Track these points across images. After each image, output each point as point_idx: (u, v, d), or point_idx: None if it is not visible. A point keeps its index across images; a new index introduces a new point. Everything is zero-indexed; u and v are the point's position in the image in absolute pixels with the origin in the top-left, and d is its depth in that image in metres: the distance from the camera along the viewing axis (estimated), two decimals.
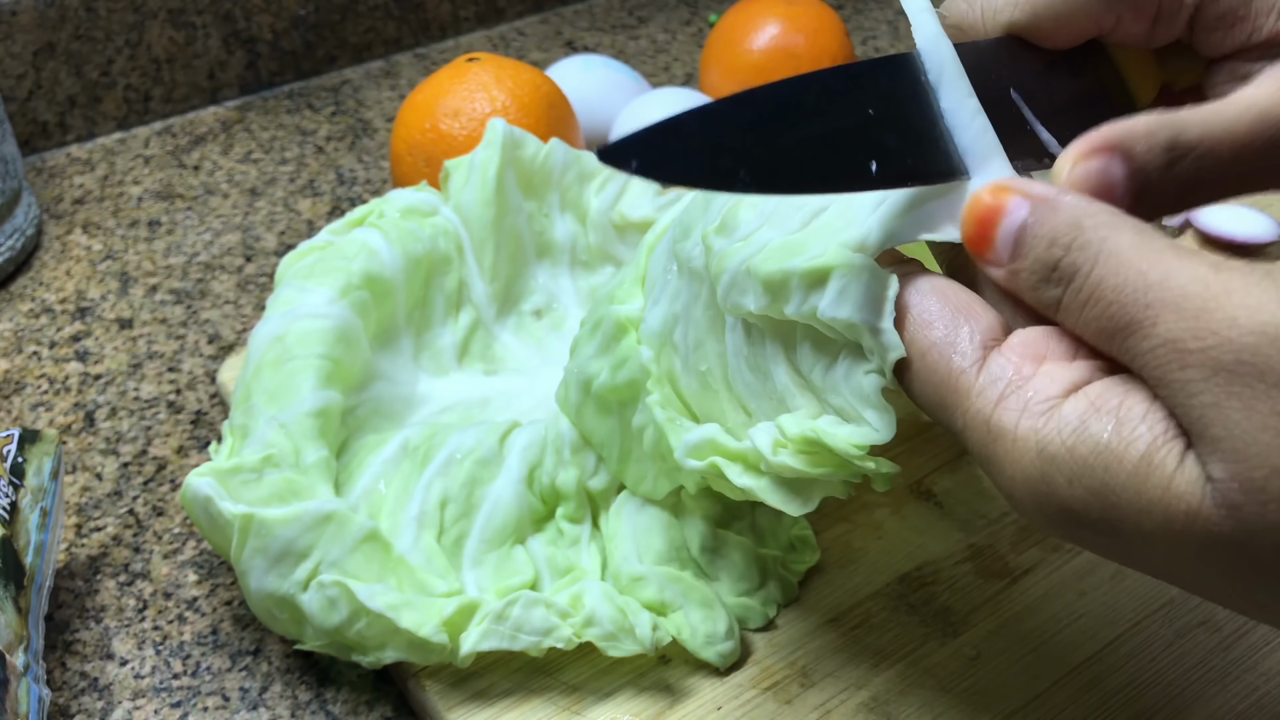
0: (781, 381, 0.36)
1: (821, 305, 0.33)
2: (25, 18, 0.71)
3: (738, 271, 0.35)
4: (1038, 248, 0.29)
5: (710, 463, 0.38)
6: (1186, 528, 0.26)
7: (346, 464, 0.47)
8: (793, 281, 0.33)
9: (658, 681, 0.43)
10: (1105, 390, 0.28)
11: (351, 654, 0.42)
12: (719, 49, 0.73)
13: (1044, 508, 0.28)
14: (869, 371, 0.33)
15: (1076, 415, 0.27)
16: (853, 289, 0.32)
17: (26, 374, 0.59)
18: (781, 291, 0.34)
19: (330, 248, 0.51)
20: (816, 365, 0.35)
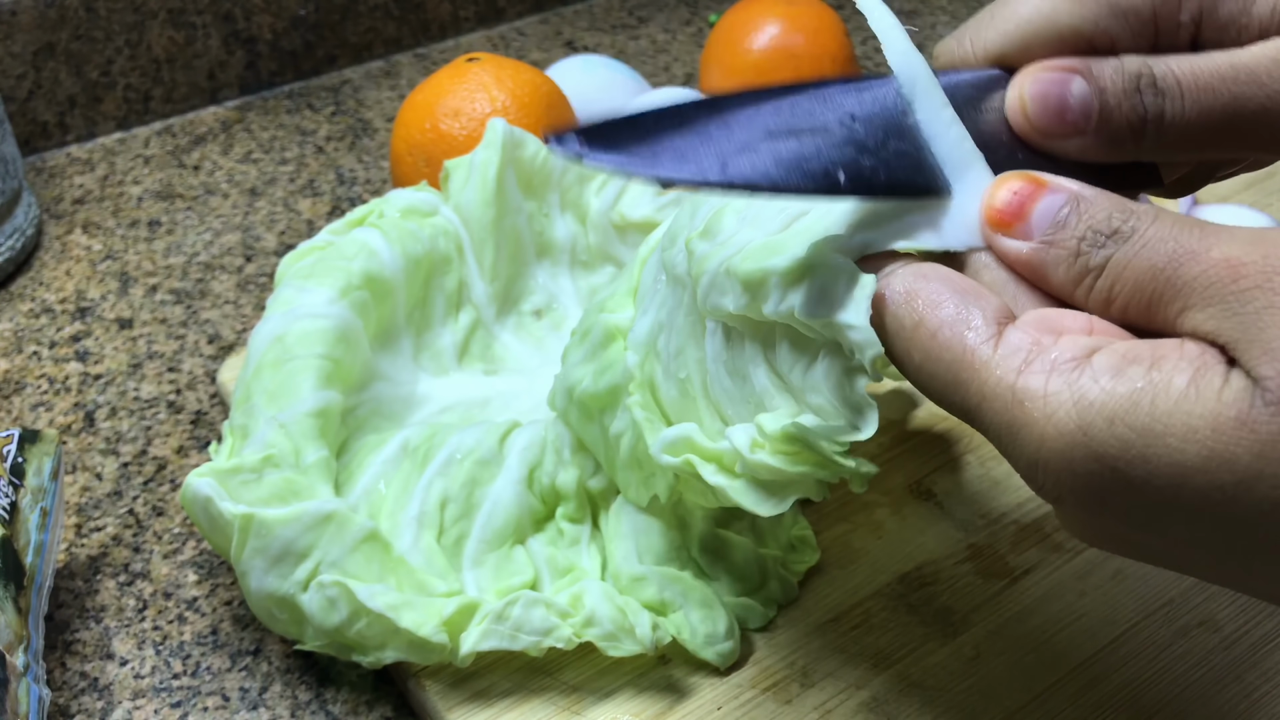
0: (760, 383, 0.36)
1: (799, 304, 0.33)
2: (25, 18, 0.71)
3: (717, 272, 0.36)
4: (1092, 219, 0.30)
5: (685, 460, 0.38)
6: (1236, 437, 0.26)
7: (346, 464, 0.47)
8: (771, 280, 0.33)
9: (658, 681, 0.43)
10: (1134, 345, 0.28)
11: (351, 654, 0.42)
12: (719, 49, 0.73)
13: (1075, 466, 0.28)
14: (849, 369, 0.33)
15: (1110, 364, 0.27)
16: (830, 288, 0.32)
17: (26, 374, 0.59)
18: (760, 290, 0.34)
19: (330, 248, 0.51)
20: (796, 365, 0.35)
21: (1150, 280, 0.28)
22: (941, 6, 0.94)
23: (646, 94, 0.71)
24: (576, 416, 0.45)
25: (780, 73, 0.71)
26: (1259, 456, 0.26)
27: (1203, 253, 0.28)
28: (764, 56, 0.71)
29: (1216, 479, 0.26)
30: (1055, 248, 0.30)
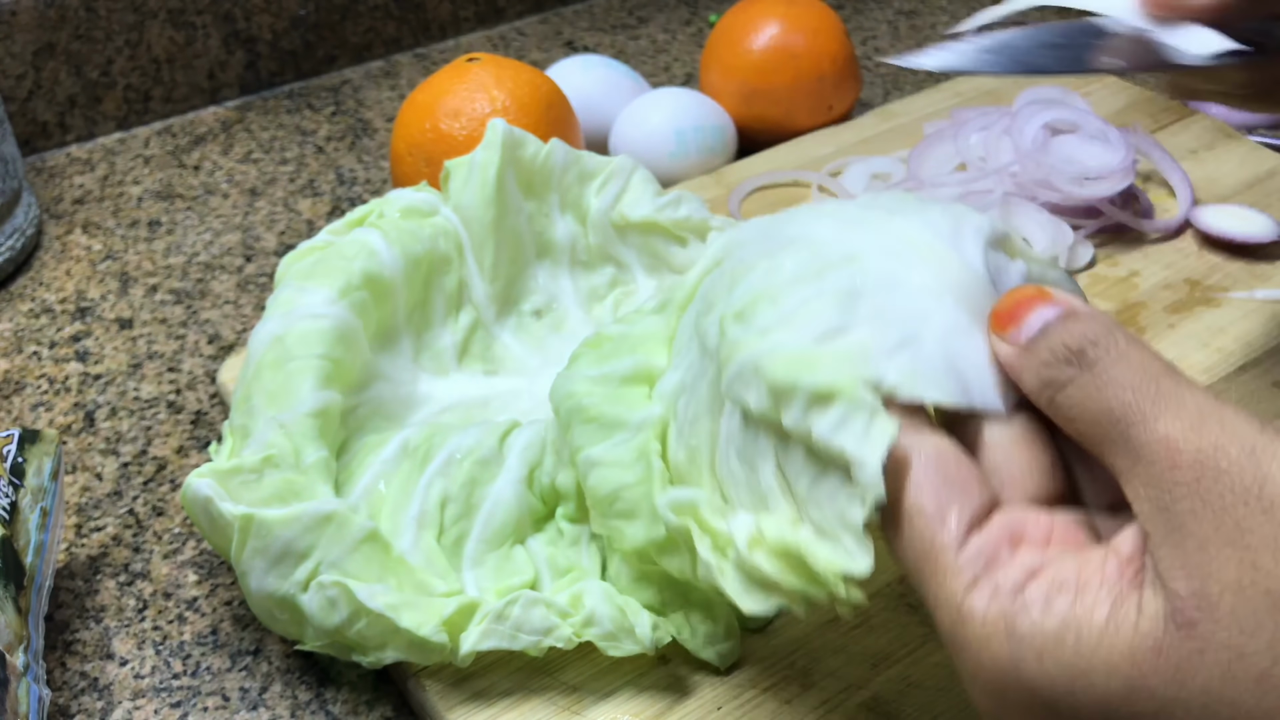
0: (766, 480, 0.36)
1: (819, 427, 0.33)
2: (25, 18, 0.71)
3: (745, 364, 0.36)
4: (1067, 335, 0.32)
5: (685, 524, 0.38)
6: (1153, 667, 0.28)
7: (346, 464, 0.47)
8: (798, 394, 0.34)
9: (658, 681, 0.43)
10: (1062, 566, 0.30)
11: (352, 654, 0.42)
12: (719, 49, 0.73)
13: (1008, 693, 0.30)
14: (853, 498, 0.33)
15: (1042, 595, 0.29)
16: (853, 421, 0.33)
17: (26, 374, 0.59)
18: (785, 400, 0.34)
19: (330, 248, 0.51)
20: (804, 475, 0.35)
21: (1104, 424, 0.30)
22: (941, 7, 0.94)
23: (646, 94, 0.71)
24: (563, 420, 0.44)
25: (780, 73, 0.71)
26: (1172, 682, 0.27)
27: (1151, 420, 0.29)
28: (764, 56, 0.71)
29: (1138, 709, 0.28)
30: (1030, 354, 0.32)
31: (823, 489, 0.34)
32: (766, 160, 0.70)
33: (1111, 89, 0.76)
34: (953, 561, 0.31)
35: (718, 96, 0.73)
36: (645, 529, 0.40)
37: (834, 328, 0.35)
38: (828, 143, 0.71)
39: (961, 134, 0.67)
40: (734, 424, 0.38)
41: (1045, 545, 0.31)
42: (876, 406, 0.33)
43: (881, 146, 0.71)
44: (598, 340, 0.45)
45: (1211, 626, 0.27)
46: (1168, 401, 0.29)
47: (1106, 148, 0.65)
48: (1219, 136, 0.72)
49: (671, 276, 0.57)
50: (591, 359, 0.44)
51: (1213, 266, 0.62)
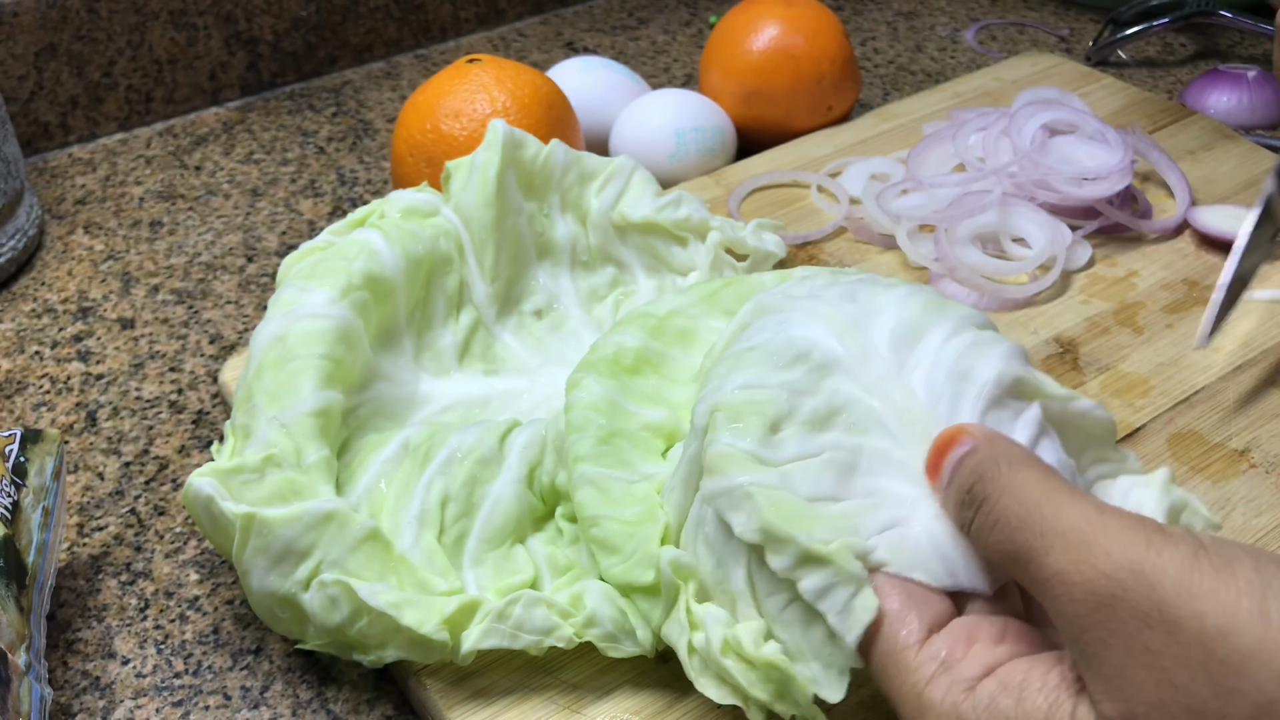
0: (737, 584, 0.37)
1: (805, 584, 0.35)
2: (27, 18, 0.71)
3: (737, 489, 0.37)
4: (961, 475, 0.34)
5: (677, 584, 0.39)
6: None
7: (348, 463, 0.47)
8: (790, 548, 0.35)
9: (658, 680, 0.43)
10: (1012, 669, 0.32)
11: (353, 653, 0.42)
12: (719, 50, 0.73)
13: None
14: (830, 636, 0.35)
15: (988, 693, 0.32)
16: (839, 591, 0.35)
17: (29, 374, 0.60)
18: (777, 546, 0.36)
19: (331, 248, 0.51)
20: (776, 594, 0.36)
21: (1010, 562, 0.33)
22: (940, 8, 0.94)
23: (646, 95, 0.71)
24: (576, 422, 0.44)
25: (780, 74, 0.71)
26: None
27: (1041, 556, 0.31)
28: (764, 57, 0.71)
29: None
30: (948, 497, 0.35)
31: (796, 613, 0.36)
32: (766, 161, 0.70)
33: (1110, 89, 0.76)
34: (913, 659, 0.33)
35: (717, 97, 0.73)
36: (626, 569, 0.41)
37: (827, 495, 0.37)
38: (827, 143, 0.71)
39: (960, 134, 0.67)
40: (708, 514, 0.38)
41: (998, 644, 0.33)
42: (863, 580, 0.35)
43: (880, 147, 0.71)
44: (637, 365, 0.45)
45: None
46: (1053, 533, 0.31)
47: (1105, 148, 0.65)
48: (1217, 137, 0.72)
49: (671, 276, 0.57)
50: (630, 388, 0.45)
51: (1211, 267, 0.62)
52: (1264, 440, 0.52)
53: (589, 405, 0.44)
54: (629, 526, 0.41)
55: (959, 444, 0.35)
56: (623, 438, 0.43)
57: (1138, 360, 0.56)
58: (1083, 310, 0.59)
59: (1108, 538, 0.30)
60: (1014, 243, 0.63)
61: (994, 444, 0.35)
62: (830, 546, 0.35)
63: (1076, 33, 0.90)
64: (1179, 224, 0.64)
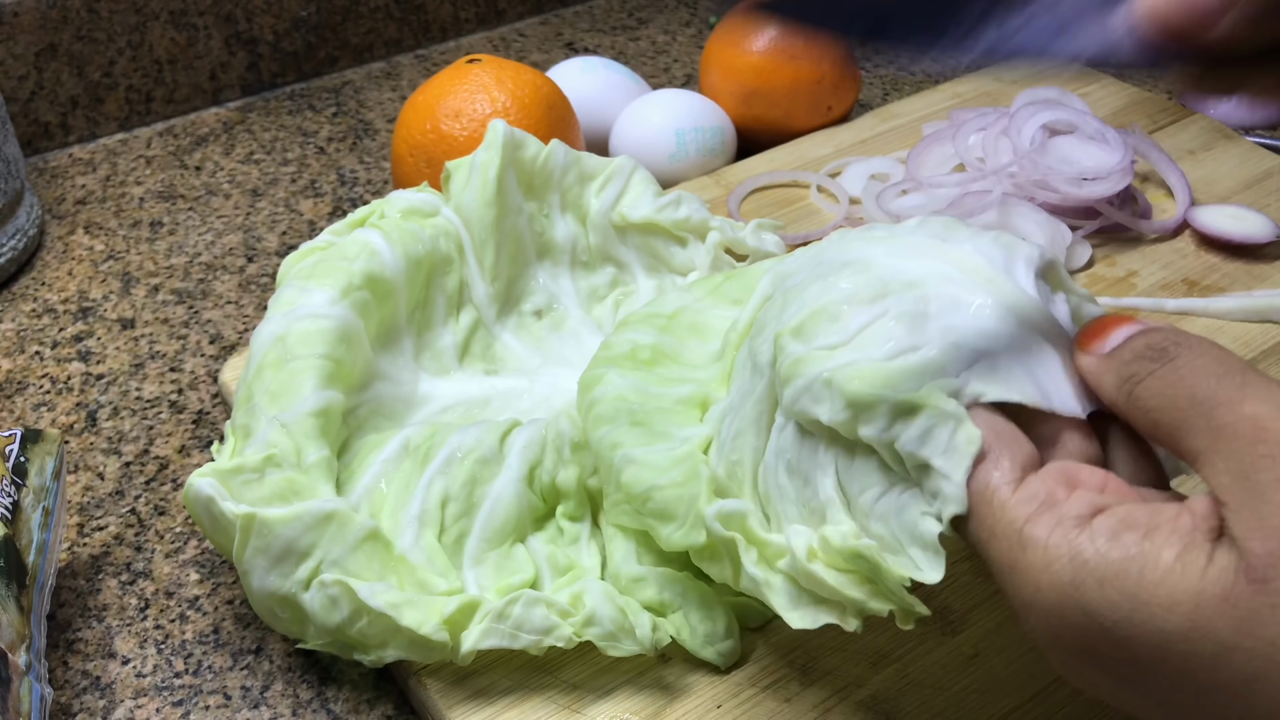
0: (826, 493, 0.37)
1: (904, 437, 0.34)
2: (27, 18, 0.71)
3: (814, 379, 0.36)
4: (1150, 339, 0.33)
5: (732, 536, 0.39)
6: (1219, 611, 0.28)
7: (348, 463, 0.47)
8: (881, 408, 0.34)
9: (657, 680, 0.43)
10: (1133, 510, 0.31)
11: (353, 653, 0.42)
12: (719, 50, 0.73)
13: (1065, 616, 0.30)
14: (925, 514, 0.34)
15: (1109, 528, 0.30)
16: (939, 432, 0.34)
17: (29, 374, 0.60)
18: (866, 413, 0.35)
19: (331, 248, 0.51)
20: (869, 489, 0.36)
21: (1185, 409, 0.31)
22: None
23: (646, 95, 0.71)
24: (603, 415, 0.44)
25: (780, 74, 0.71)
26: (1238, 631, 0.28)
27: (1237, 403, 0.30)
28: (764, 57, 0.71)
29: (1197, 648, 0.28)
30: (1113, 358, 0.34)
31: (888, 503, 0.35)
32: (766, 161, 0.70)
33: (1110, 89, 0.76)
34: (1009, 498, 0.32)
35: (717, 97, 0.73)
36: (684, 533, 0.41)
37: (905, 347, 0.36)
38: (827, 143, 0.71)
39: (960, 135, 0.67)
40: (786, 438, 0.38)
41: (1101, 491, 0.32)
42: (961, 416, 0.34)
43: (880, 147, 0.71)
44: (655, 358, 0.45)
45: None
46: (1253, 388, 0.30)
47: (1104, 148, 0.65)
48: (1217, 137, 0.72)
49: (671, 276, 0.57)
50: (653, 376, 0.45)
51: (1210, 267, 0.62)
52: None
53: (617, 396, 0.43)
54: (680, 489, 0.41)
55: (1132, 323, 0.34)
56: (655, 414, 0.43)
57: None
58: None
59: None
60: None
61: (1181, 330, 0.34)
62: (920, 392, 0.34)
63: None
64: (1179, 224, 0.64)
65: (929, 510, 0.34)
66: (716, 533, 0.39)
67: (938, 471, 0.33)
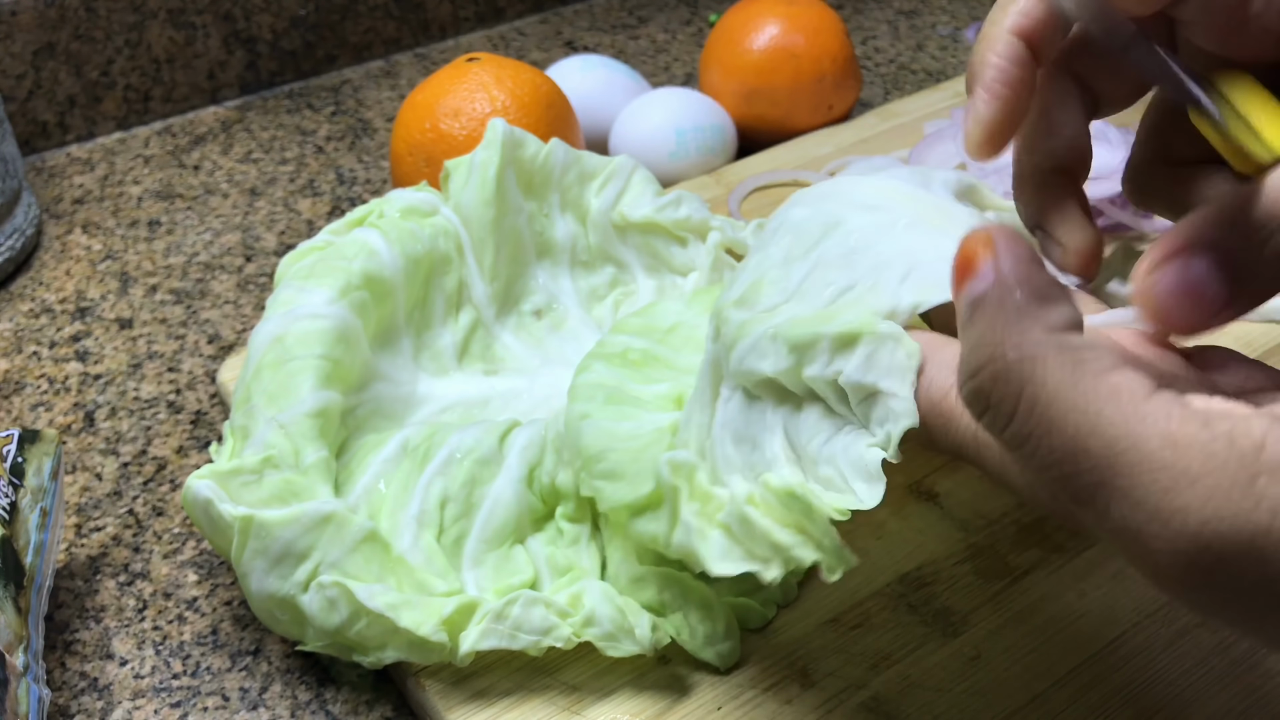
0: (772, 450, 0.37)
1: (847, 369, 0.34)
2: (25, 18, 0.71)
3: (761, 337, 0.36)
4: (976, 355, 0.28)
5: (675, 484, 0.39)
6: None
7: (346, 464, 0.47)
8: (821, 344, 0.35)
9: (657, 681, 0.43)
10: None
11: (352, 654, 0.42)
12: (719, 49, 0.73)
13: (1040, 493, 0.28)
14: (871, 445, 0.34)
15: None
16: (880, 355, 0.34)
17: (26, 374, 0.59)
18: (808, 353, 0.35)
19: (330, 248, 0.51)
20: (817, 435, 0.36)
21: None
22: (942, 6, 0.94)
23: (646, 94, 0.71)
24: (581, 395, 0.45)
25: (780, 73, 0.71)
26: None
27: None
28: (764, 56, 0.71)
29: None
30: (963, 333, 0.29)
31: (836, 444, 0.35)
32: (766, 160, 0.70)
33: None
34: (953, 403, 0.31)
35: (718, 96, 0.73)
36: (628, 489, 0.41)
37: (843, 287, 0.36)
38: (827, 142, 0.71)
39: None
40: (732, 408, 0.38)
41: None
42: (899, 334, 0.34)
43: (881, 146, 0.71)
44: (644, 361, 0.46)
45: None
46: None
47: (1106, 147, 0.65)
48: None
49: (671, 277, 0.57)
50: (637, 374, 0.45)
51: None
52: None
53: (595, 383, 0.44)
54: (634, 453, 0.41)
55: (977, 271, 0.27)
56: (629, 403, 0.43)
57: None
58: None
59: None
60: None
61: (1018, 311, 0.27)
62: (856, 321, 0.34)
63: None
64: None
65: (875, 441, 0.34)
66: (664, 479, 0.39)
67: (885, 393, 0.33)
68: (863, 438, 0.34)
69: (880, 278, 0.35)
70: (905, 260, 0.35)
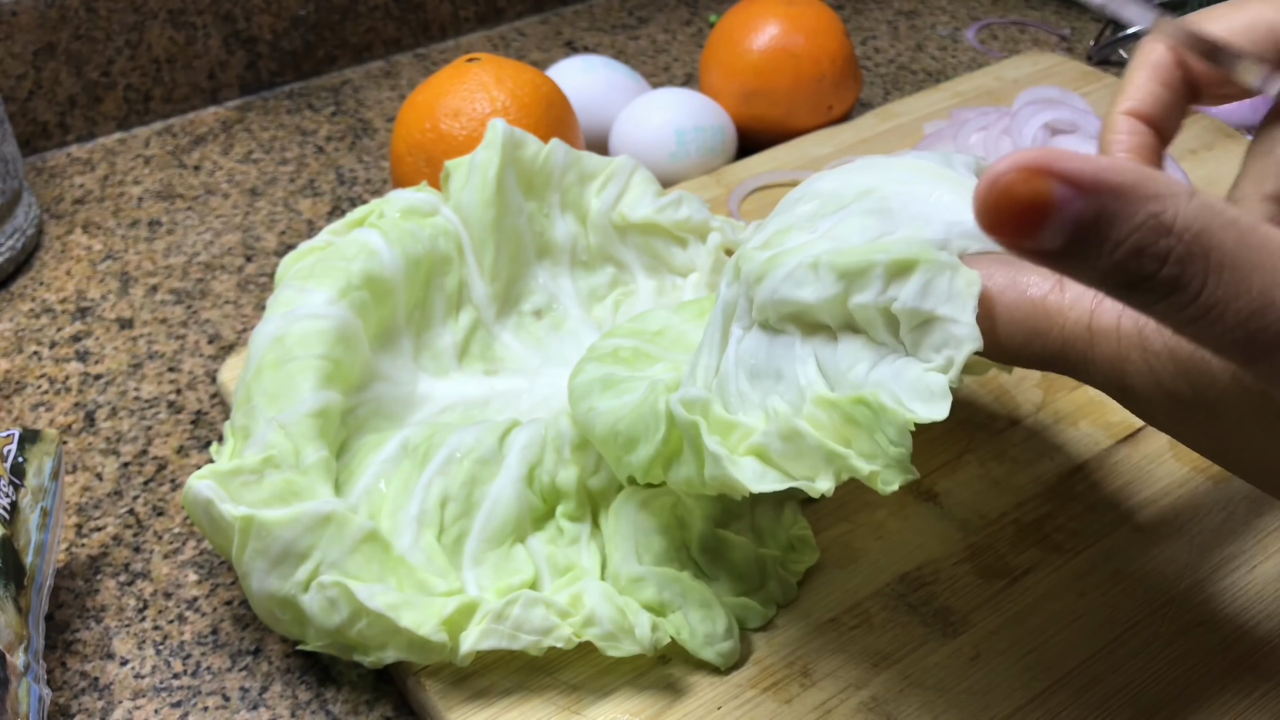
0: (806, 379, 0.37)
1: (903, 294, 0.34)
2: (26, 18, 0.71)
3: (799, 266, 0.36)
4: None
5: (694, 419, 0.38)
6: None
7: (347, 464, 0.47)
8: (875, 271, 0.34)
9: (657, 681, 0.43)
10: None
11: (352, 654, 0.42)
12: (719, 49, 0.73)
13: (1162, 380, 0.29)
14: (928, 369, 0.34)
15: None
16: (938, 282, 0.34)
17: (27, 374, 0.59)
18: (859, 280, 0.35)
19: (330, 248, 0.51)
20: (859, 363, 0.36)
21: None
22: (941, 7, 0.94)
23: (646, 94, 0.71)
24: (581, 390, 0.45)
25: (780, 73, 0.71)
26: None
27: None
28: (764, 57, 0.71)
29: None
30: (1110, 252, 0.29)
31: (884, 370, 0.35)
32: (766, 160, 0.70)
33: (1111, 89, 0.76)
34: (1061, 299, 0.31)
35: (718, 96, 0.73)
36: (648, 446, 0.40)
37: (879, 233, 0.36)
38: (827, 143, 0.71)
39: (961, 134, 0.67)
40: (749, 344, 0.38)
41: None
42: (956, 264, 0.34)
43: (881, 146, 0.71)
44: (635, 358, 0.46)
45: None
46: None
47: None
48: (1219, 136, 0.72)
49: (671, 277, 0.57)
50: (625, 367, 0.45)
51: None
52: None
53: (590, 379, 0.44)
54: (642, 413, 0.41)
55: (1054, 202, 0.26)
56: (627, 380, 0.44)
57: None
58: None
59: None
60: None
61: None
62: (911, 249, 0.34)
63: (1078, 32, 0.90)
64: None
65: (932, 365, 0.34)
66: (680, 417, 0.39)
67: (944, 318, 0.33)
68: (913, 364, 0.34)
69: (921, 229, 0.35)
70: (945, 218, 0.35)
